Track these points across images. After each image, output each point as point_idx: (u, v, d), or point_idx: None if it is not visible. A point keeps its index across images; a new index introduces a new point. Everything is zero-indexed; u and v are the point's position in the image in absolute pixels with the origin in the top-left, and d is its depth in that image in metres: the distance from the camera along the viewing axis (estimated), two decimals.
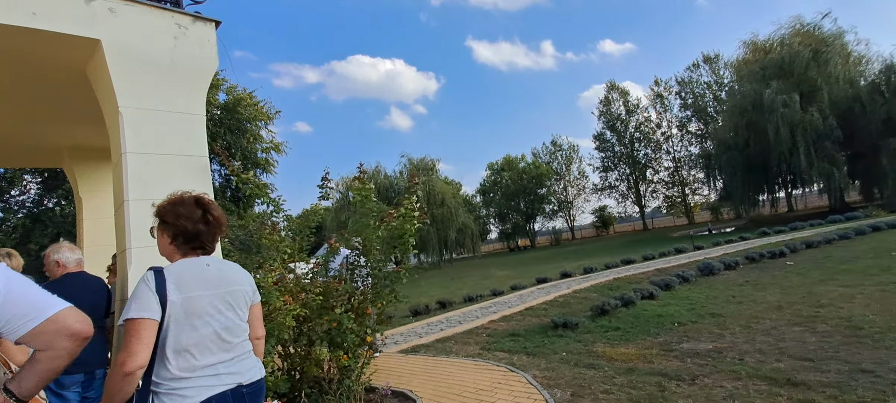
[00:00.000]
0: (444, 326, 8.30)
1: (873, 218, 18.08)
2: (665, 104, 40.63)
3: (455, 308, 10.65)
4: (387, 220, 4.90)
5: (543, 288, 12.05)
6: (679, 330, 6.29)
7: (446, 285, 18.31)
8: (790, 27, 24.67)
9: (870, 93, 22.07)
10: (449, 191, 32.76)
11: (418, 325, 8.78)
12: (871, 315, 5.89)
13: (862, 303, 6.53)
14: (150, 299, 1.55)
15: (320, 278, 4.76)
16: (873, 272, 8.80)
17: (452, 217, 30.41)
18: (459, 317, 9.08)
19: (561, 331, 6.78)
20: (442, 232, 30.21)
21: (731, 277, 10.44)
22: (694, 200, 41.32)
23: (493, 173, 47.36)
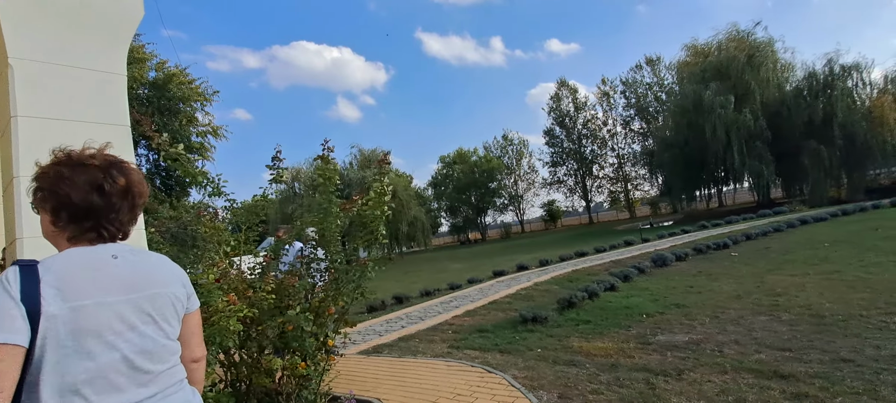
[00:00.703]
0: (405, 323, 7.78)
1: (797, 212, 19.57)
2: (611, 103, 42.25)
3: (413, 303, 10.14)
4: (348, 208, 4.32)
5: (502, 281, 11.82)
6: (649, 322, 6.18)
7: (400, 279, 17.72)
8: (727, 33, 26.27)
9: (795, 97, 23.93)
10: (400, 184, 32.06)
11: (376, 322, 8.19)
12: (828, 303, 6.05)
13: (815, 292, 6.75)
14: (11, 313, 0.93)
15: (272, 273, 4.09)
16: (814, 262, 9.29)
17: (404, 210, 29.75)
18: (420, 313, 8.58)
19: (531, 326, 6.47)
20: (393, 226, 29.45)
21: (683, 268, 10.70)
22: (635, 195, 43.35)
23: (444, 166, 47.13)
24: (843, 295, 6.38)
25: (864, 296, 6.16)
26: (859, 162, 22.22)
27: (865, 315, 5.36)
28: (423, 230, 32.77)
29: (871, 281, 6.96)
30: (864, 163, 22.46)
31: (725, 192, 33.21)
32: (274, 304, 3.67)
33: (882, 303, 5.72)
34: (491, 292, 9.93)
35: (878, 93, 22.54)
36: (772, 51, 24.90)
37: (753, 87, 23.64)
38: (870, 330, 4.81)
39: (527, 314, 6.74)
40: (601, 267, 11.96)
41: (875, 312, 5.40)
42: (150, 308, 1.10)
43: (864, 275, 7.46)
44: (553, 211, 47.39)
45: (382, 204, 4.04)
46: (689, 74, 26.62)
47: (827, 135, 21.99)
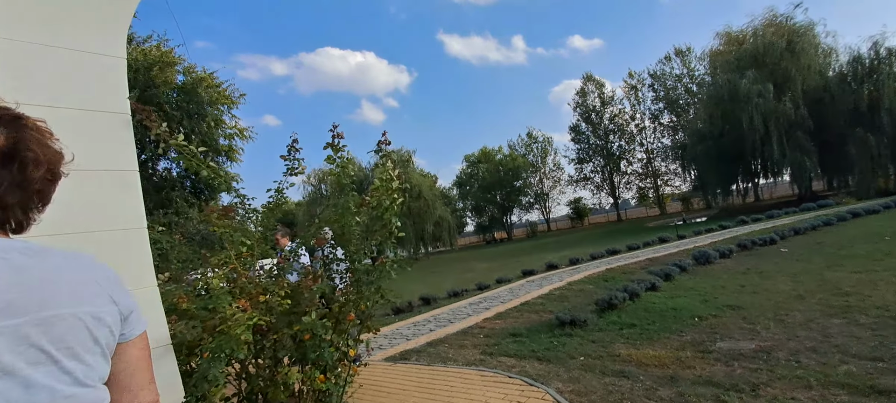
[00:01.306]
0: (433, 326, 7.37)
1: (845, 205, 18.33)
2: (639, 96, 40.91)
3: (440, 304, 9.73)
4: (367, 203, 3.94)
5: (533, 280, 11.29)
6: (703, 326, 5.58)
7: (426, 279, 17.36)
8: (763, 18, 24.91)
9: (838, 83, 22.45)
10: (425, 184, 31.76)
11: (403, 325, 7.80)
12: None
13: (891, 290, 6.01)
14: None
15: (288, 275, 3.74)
16: (877, 257, 8.43)
17: (429, 210, 29.43)
18: (448, 315, 8.16)
19: (569, 329, 5.96)
20: (419, 226, 29.21)
21: (728, 265, 9.95)
22: (665, 191, 41.86)
23: (469, 165, 46.64)
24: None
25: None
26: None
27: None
28: (448, 230, 32.38)
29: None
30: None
31: (762, 186, 31.63)
32: (290, 309, 3.31)
33: None
34: (521, 292, 9.43)
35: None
36: (812, 35, 23.45)
37: (794, 74, 22.29)
38: None
39: (563, 316, 6.23)
40: (637, 265, 11.30)
41: None
42: (44, 339, 0.69)
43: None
44: (580, 209, 46.25)
45: (391, 191, 3.62)
46: (722, 63, 25.36)
47: (874, 123, 20.51)
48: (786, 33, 23.40)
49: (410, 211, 28.76)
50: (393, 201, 3.80)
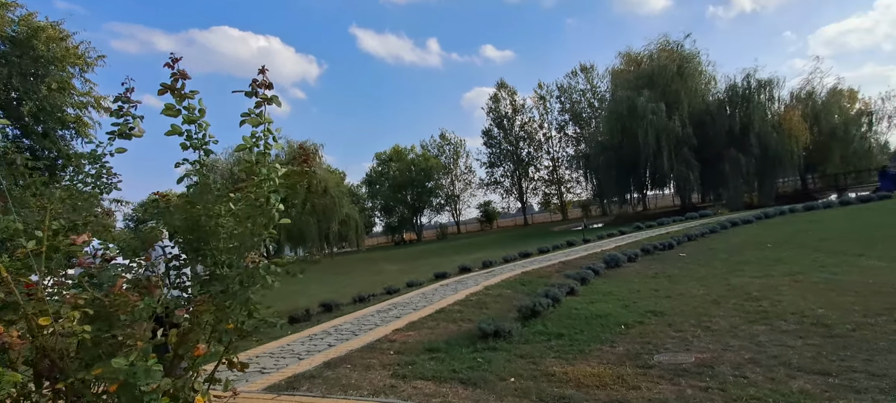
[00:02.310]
0: (334, 339, 6.18)
1: (721, 215, 20.43)
2: (547, 107, 42.84)
3: (344, 311, 8.51)
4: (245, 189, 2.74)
5: (447, 284, 10.52)
6: (633, 335, 5.16)
7: (330, 282, 15.82)
8: (659, 43, 27.24)
9: (718, 107, 25.27)
10: (332, 180, 29.76)
11: (296, 339, 6.49)
12: (820, 309, 5.41)
13: (796, 296, 6.16)
14: None
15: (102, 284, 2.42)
16: (768, 263, 8.99)
17: (335, 207, 27.52)
18: (353, 325, 7.01)
19: (493, 342, 5.20)
20: (324, 224, 27.17)
21: (637, 269, 10.09)
22: (568, 198, 44.36)
23: (380, 163, 45.15)
24: (829, 299, 5.82)
25: (853, 300, 5.61)
26: (771, 170, 23.89)
27: (872, 322, 4.71)
28: (355, 229, 30.66)
29: (845, 284, 6.54)
30: (775, 171, 24.21)
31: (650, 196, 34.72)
32: (93, 340, 2.04)
33: (879, 308, 5.15)
34: (436, 298, 8.58)
35: (787, 108, 24.42)
36: (698, 62, 26.21)
37: (682, 96, 24.62)
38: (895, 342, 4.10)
39: (486, 327, 5.46)
40: (552, 268, 11.09)
41: (880, 319, 4.78)
42: None
43: (831, 277, 7.09)
44: (489, 212, 47.17)
45: (271, 180, 2.53)
46: (623, 81, 27.27)
47: (745, 144, 23.38)
48: (677, 59, 25.81)
49: (315, 208, 26.67)
50: (270, 189, 2.65)
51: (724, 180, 23.95)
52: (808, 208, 17.91)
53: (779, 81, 24.54)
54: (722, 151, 23.76)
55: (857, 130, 24.70)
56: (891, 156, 29.16)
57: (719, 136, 24.25)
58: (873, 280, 6.59)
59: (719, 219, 17.59)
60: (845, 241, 10.21)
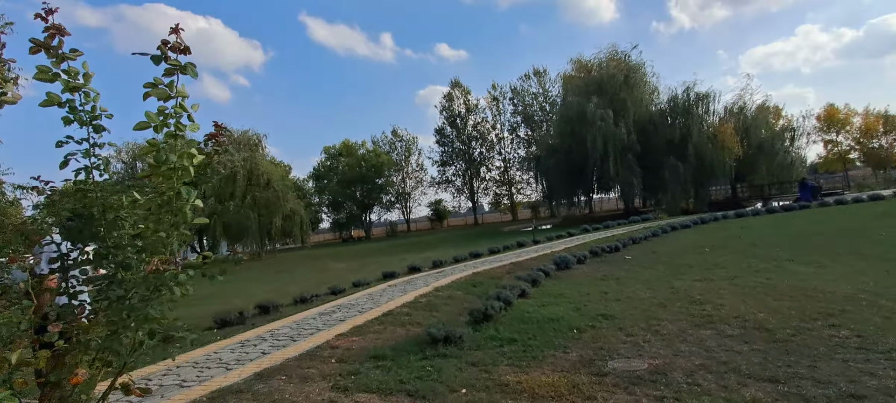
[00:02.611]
0: (269, 346, 5.63)
1: (662, 220, 21.41)
2: (500, 108, 43.30)
3: (284, 314, 7.90)
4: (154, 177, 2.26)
5: (395, 285, 10.12)
6: (585, 340, 5.05)
7: (270, 281, 14.91)
8: (608, 52, 28.26)
9: (660, 117, 26.55)
10: (276, 173, 28.30)
11: (226, 346, 5.87)
12: (760, 313, 5.57)
13: (736, 300, 6.34)
14: None
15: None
16: (708, 267, 9.31)
17: (279, 201, 26.17)
18: (292, 329, 6.46)
19: (443, 349, 4.90)
20: (265, 219, 25.74)
21: (586, 271, 10.18)
22: (518, 199, 45.10)
23: (329, 158, 43.66)
24: (767, 303, 6.02)
25: (789, 305, 5.83)
26: (706, 178, 25.46)
27: (809, 327, 4.87)
28: (300, 225, 29.33)
29: (780, 288, 6.83)
30: (709, 179, 25.83)
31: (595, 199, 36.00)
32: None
33: (813, 313, 5.36)
34: (383, 299, 8.17)
35: (721, 121, 26.10)
36: (643, 73, 27.45)
37: (629, 105, 25.66)
38: (834, 347, 4.21)
39: (436, 332, 5.15)
40: (502, 269, 10.99)
41: (816, 324, 4.95)
42: None
43: (765, 282, 7.41)
44: (440, 211, 47.01)
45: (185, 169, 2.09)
46: (573, 87, 28.05)
47: (683, 153, 24.72)
48: (624, 68, 26.86)
49: (256, 202, 25.20)
50: (179, 177, 2.18)
51: (664, 186, 25.21)
52: (739, 215, 19.12)
53: (714, 96, 26.28)
54: (662, 159, 24.99)
55: (781, 145, 26.85)
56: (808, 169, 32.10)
57: (660, 145, 25.48)
58: (803, 285, 6.94)
59: (660, 224, 18.39)
60: (774, 247, 10.85)
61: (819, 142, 36.42)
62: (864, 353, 3.99)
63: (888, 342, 4.20)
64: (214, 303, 10.70)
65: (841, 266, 8.19)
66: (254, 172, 26.13)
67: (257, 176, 26.22)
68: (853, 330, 4.61)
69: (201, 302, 10.76)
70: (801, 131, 30.10)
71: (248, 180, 25.78)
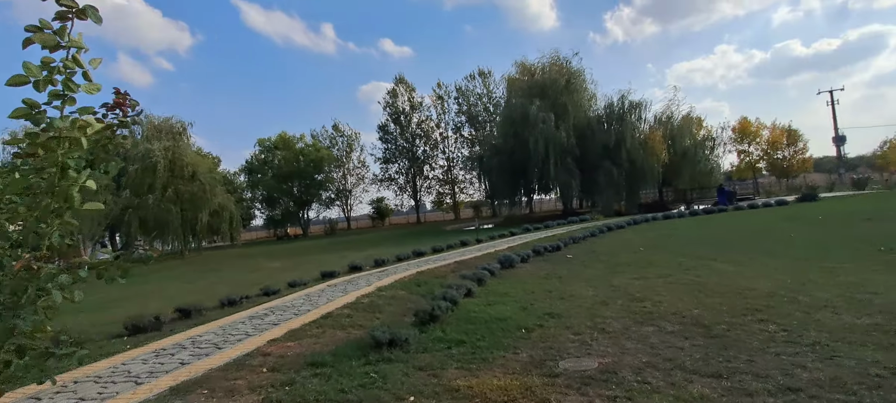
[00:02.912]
0: (189, 355, 5.01)
1: (598, 221, 22.39)
2: (444, 107, 43.27)
3: (209, 318, 7.17)
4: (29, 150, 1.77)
5: (335, 285, 9.61)
6: (534, 340, 4.96)
7: (194, 281, 13.70)
8: (551, 57, 29.14)
9: (597, 122, 27.80)
10: (203, 165, 26.22)
11: (137, 356, 5.16)
12: (695, 310, 5.78)
13: (672, 297, 6.57)
14: None
15: None
16: (643, 265, 9.70)
17: (206, 195, 24.23)
18: (217, 336, 5.83)
19: (388, 352, 4.59)
20: (190, 214, 23.75)
21: (530, 270, 10.26)
22: (460, 198, 45.33)
23: (264, 150, 41.34)
24: (700, 300, 6.28)
25: (720, 301, 6.11)
26: (637, 182, 27.04)
27: (740, 322, 5.09)
28: (230, 221, 27.40)
29: (709, 285, 7.18)
30: (640, 183, 27.45)
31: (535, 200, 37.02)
32: None
33: (742, 309, 5.64)
34: (322, 301, 7.68)
35: (651, 129, 27.84)
36: (583, 80, 28.60)
37: (569, 109, 26.60)
38: (765, 341, 4.40)
39: (380, 334, 4.83)
40: (447, 268, 10.82)
41: (746, 319, 5.20)
42: None
43: (695, 279, 7.79)
44: (382, 209, 46.13)
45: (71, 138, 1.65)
46: (517, 89, 28.62)
47: (617, 158, 26.06)
48: (566, 74, 27.83)
49: (180, 195, 23.17)
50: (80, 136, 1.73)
51: (600, 189, 26.42)
52: (667, 217, 20.41)
53: (646, 104, 27.97)
54: (599, 163, 26.18)
55: (702, 153, 29.14)
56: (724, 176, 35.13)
57: (597, 149, 26.68)
58: (729, 282, 7.36)
59: (597, 224, 19.18)
60: (699, 247, 11.58)
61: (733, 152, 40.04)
62: (793, 347, 4.20)
63: (811, 336, 4.46)
64: (127, 307, 9.60)
65: (757, 264, 8.84)
66: (177, 163, 24.02)
67: (181, 167, 24.15)
68: (779, 325, 4.87)
69: (110, 307, 9.60)
70: (720, 141, 32.86)
71: (170, 171, 23.66)
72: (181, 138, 26.32)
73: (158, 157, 22.87)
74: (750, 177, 40.44)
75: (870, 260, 8.24)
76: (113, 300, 11.02)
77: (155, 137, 24.61)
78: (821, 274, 7.48)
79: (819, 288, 6.46)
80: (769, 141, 38.75)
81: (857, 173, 38.57)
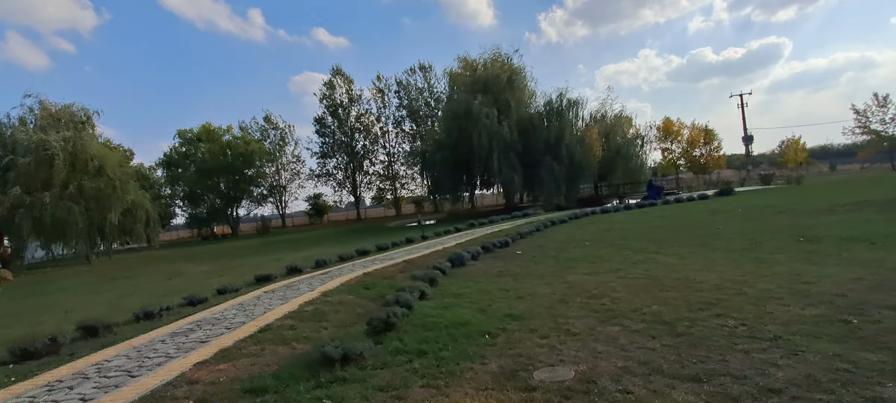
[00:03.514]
0: (93, 387, 4.12)
1: (539, 215, 22.83)
2: (385, 101, 42.22)
3: (120, 337, 6.12)
4: None
5: (273, 290, 8.76)
6: (500, 346, 4.64)
7: (103, 291, 12.02)
8: (492, 53, 29.35)
9: (538, 119, 28.39)
10: (112, 158, 23.33)
11: (24, 392, 4.17)
12: (655, 305, 5.76)
13: (628, 293, 6.56)
14: None
15: None
16: (593, 260, 9.78)
17: (116, 192, 21.60)
18: (129, 359, 4.92)
19: (341, 371, 4.05)
20: (97, 214, 21.08)
21: (481, 267, 10.03)
22: (401, 193, 44.56)
23: (185, 143, 38.02)
24: (655, 295, 6.30)
25: (674, 295, 6.17)
26: (576, 177, 27.96)
27: (699, 318, 5.09)
28: (146, 221, 24.70)
29: (660, 279, 7.29)
30: (579, 178, 28.43)
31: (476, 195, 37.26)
32: None
33: (697, 303, 5.68)
34: (258, 310, 6.89)
35: (587, 126, 28.96)
36: (524, 77, 29.09)
37: (512, 105, 26.93)
38: (729, 338, 4.38)
39: (331, 350, 4.27)
40: (395, 268, 10.32)
41: (703, 314, 5.21)
42: None
43: (645, 273, 7.90)
44: (319, 206, 44.19)
45: None
46: (460, 84, 28.50)
47: (558, 154, 26.78)
48: (508, 70, 28.15)
49: (84, 193, 20.42)
50: None
51: (542, 183, 27.03)
52: (604, 211, 21.25)
53: (583, 102, 29.06)
54: (540, 158, 26.76)
55: (633, 150, 30.80)
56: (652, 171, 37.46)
57: (538, 145, 27.27)
58: (677, 275, 7.50)
59: (541, 219, 19.51)
60: (640, 240, 11.95)
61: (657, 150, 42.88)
62: (758, 343, 4.19)
63: (769, 329, 4.51)
64: (16, 326, 8.14)
65: (698, 256, 9.19)
66: (80, 156, 21.19)
67: (85, 161, 21.35)
68: (737, 320, 4.91)
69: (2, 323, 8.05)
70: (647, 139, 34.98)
71: (71, 166, 20.83)
72: (85, 128, 23.30)
73: (56, 149, 20.03)
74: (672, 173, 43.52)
75: (794, 250, 8.84)
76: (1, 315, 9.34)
77: (51, 127, 21.56)
78: (756, 264, 7.86)
79: (759, 279, 6.73)
80: (689, 139, 41.95)
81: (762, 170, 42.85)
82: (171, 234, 42.47)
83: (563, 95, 28.22)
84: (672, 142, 42.26)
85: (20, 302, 11.56)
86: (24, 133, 21.26)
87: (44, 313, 9.28)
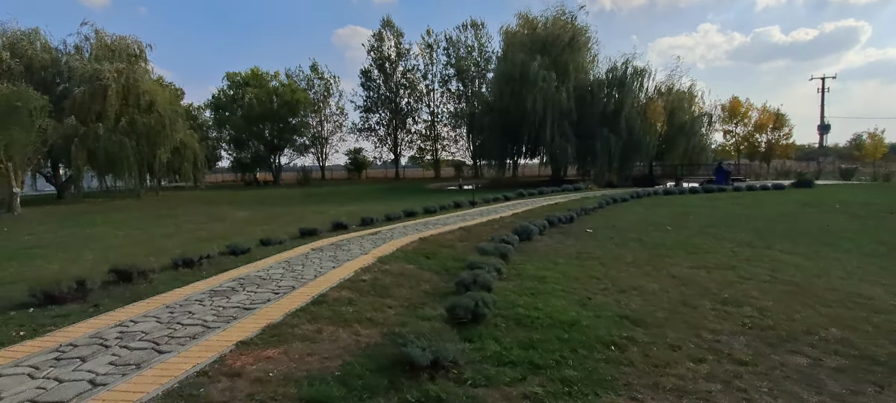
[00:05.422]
0: (108, 365, 3.15)
1: (592, 190, 21.10)
2: (433, 58, 40.31)
3: (155, 288, 5.22)
4: None
5: (320, 248, 7.79)
6: (640, 367, 3.38)
7: (146, 228, 11.49)
8: (555, 11, 26.81)
9: (598, 86, 26.04)
10: (163, 95, 23.01)
11: (24, 359, 3.26)
12: (834, 328, 4.34)
13: (775, 301, 5.14)
14: None
15: None
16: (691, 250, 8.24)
17: (166, 130, 21.34)
18: (159, 324, 3.96)
19: (429, 382, 2.92)
20: (147, 150, 20.92)
21: (551, 244, 8.74)
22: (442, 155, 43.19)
23: (233, 86, 37.74)
24: (819, 311, 4.86)
25: (846, 314, 4.71)
26: (632, 153, 25.70)
27: None
28: (194, 161, 24.61)
29: (807, 287, 5.80)
30: (635, 155, 26.13)
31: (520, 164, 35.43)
32: None
33: (890, 329, 4.23)
34: (308, 273, 5.87)
35: (650, 99, 26.37)
36: (588, 38, 26.58)
37: (570, 69, 24.70)
38: None
39: (417, 352, 3.17)
40: (452, 236, 9.14)
41: None
42: None
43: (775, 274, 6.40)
44: (359, 161, 43.53)
45: None
46: (517, 43, 26.30)
47: (616, 126, 24.58)
48: (570, 30, 25.72)
49: (135, 127, 20.21)
50: None
51: (595, 157, 24.98)
52: (667, 192, 19.26)
53: (650, 73, 26.35)
54: (596, 129, 24.63)
55: (699, 128, 28.01)
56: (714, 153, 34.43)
57: (595, 114, 25.11)
58: (827, 284, 5.98)
59: (597, 195, 17.84)
60: (734, 230, 10.25)
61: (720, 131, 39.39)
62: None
63: None
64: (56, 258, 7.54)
65: (828, 260, 7.56)
66: (132, 90, 20.87)
67: (137, 95, 21.05)
68: None
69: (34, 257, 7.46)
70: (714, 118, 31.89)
71: (124, 99, 20.55)
72: (138, 62, 22.92)
73: (110, 81, 19.70)
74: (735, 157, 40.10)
75: None
76: (41, 246, 8.86)
77: (106, 57, 21.23)
78: None
79: None
80: (757, 123, 38.24)
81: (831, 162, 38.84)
82: (216, 177, 43.03)
83: (629, 62, 25.67)
84: (736, 124, 38.65)
85: (70, 231, 11.24)
86: (80, 61, 21.05)
87: (87, 247, 8.70)
